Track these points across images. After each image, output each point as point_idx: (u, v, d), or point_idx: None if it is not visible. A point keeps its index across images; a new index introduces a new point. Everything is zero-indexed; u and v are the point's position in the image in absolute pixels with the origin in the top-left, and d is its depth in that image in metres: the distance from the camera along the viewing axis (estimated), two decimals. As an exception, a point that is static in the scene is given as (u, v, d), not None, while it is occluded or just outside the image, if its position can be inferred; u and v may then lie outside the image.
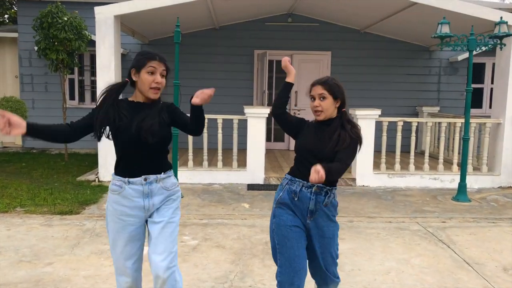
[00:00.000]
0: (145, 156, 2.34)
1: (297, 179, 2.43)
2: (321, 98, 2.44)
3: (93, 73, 10.15)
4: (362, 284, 3.43)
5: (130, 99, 2.40)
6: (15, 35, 10.14)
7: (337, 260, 2.53)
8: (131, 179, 2.33)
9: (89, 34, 8.64)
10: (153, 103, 2.37)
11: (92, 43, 9.05)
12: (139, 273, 2.49)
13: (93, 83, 10.15)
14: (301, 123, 2.58)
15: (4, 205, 5.38)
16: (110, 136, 2.37)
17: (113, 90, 2.35)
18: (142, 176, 2.32)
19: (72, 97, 10.08)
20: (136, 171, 2.33)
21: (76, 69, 9.95)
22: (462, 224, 5.13)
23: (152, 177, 2.34)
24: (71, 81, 10.05)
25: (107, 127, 2.35)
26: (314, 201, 2.40)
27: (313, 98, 2.48)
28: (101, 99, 2.34)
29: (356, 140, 2.41)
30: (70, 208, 5.35)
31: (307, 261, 2.46)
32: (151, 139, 2.26)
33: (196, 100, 2.19)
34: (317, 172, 2.06)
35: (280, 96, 2.55)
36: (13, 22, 13.82)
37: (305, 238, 2.43)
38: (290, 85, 2.54)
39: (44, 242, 4.21)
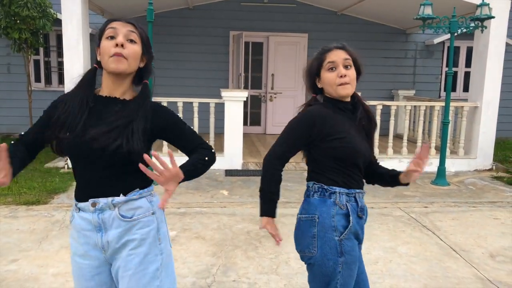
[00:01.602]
0: (98, 171, 1.59)
1: (354, 190, 1.84)
2: (347, 67, 1.83)
3: (60, 54, 9.60)
4: (351, 275, 3.30)
5: (97, 92, 1.68)
6: (-27, 12, 9.45)
7: None
8: (80, 204, 1.62)
9: (55, 13, 8.13)
10: (128, 101, 1.64)
11: (59, 22, 8.50)
12: None
13: (60, 65, 9.62)
14: (312, 123, 1.82)
15: (-37, 195, 5.01)
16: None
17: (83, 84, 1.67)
18: (90, 200, 1.59)
19: (38, 79, 9.54)
20: (85, 191, 1.61)
21: (41, 50, 9.40)
22: (444, 209, 5.08)
23: (102, 201, 1.58)
24: (37, 62, 9.50)
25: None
26: (362, 205, 1.89)
27: (332, 67, 1.82)
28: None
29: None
30: (37, 197, 5.01)
31: None
32: (112, 150, 1.55)
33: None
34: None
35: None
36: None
37: None
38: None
39: (8, 236, 3.89)
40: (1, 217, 4.38)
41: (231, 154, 6.86)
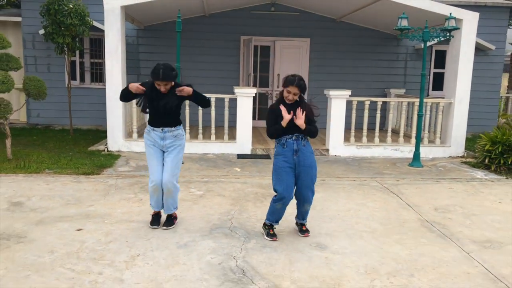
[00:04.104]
0: (163, 117, 4.08)
1: (282, 138, 3.93)
2: (295, 94, 3.88)
3: (93, 55, 11.04)
4: (329, 217, 4.65)
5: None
6: (17, 19, 10.91)
7: (314, 189, 4.03)
8: (155, 128, 4.10)
9: (91, 20, 9.53)
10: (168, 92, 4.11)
11: (93, 28, 9.96)
12: (161, 174, 4.09)
13: (93, 65, 11.05)
14: (278, 114, 3.88)
15: (34, 167, 6.40)
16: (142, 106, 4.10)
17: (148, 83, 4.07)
18: (160, 127, 4.08)
19: (73, 78, 10.94)
20: (157, 124, 4.09)
21: (77, 52, 10.80)
22: (412, 182, 6.39)
23: (166, 128, 4.09)
24: (72, 63, 10.89)
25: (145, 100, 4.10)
26: (296, 143, 3.91)
27: (288, 92, 3.87)
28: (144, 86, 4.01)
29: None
30: (91, 170, 6.39)
31: (295, 186, 3.96)
32: (168, 110, 4.05)
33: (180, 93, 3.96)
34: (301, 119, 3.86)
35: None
36: (11, 6, 14.43)
37: (293, 173, 3.92)
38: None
39: (80, 192, 5.28)
40: (69, 182, 5.77)
41: (242, 141, 8.20)
